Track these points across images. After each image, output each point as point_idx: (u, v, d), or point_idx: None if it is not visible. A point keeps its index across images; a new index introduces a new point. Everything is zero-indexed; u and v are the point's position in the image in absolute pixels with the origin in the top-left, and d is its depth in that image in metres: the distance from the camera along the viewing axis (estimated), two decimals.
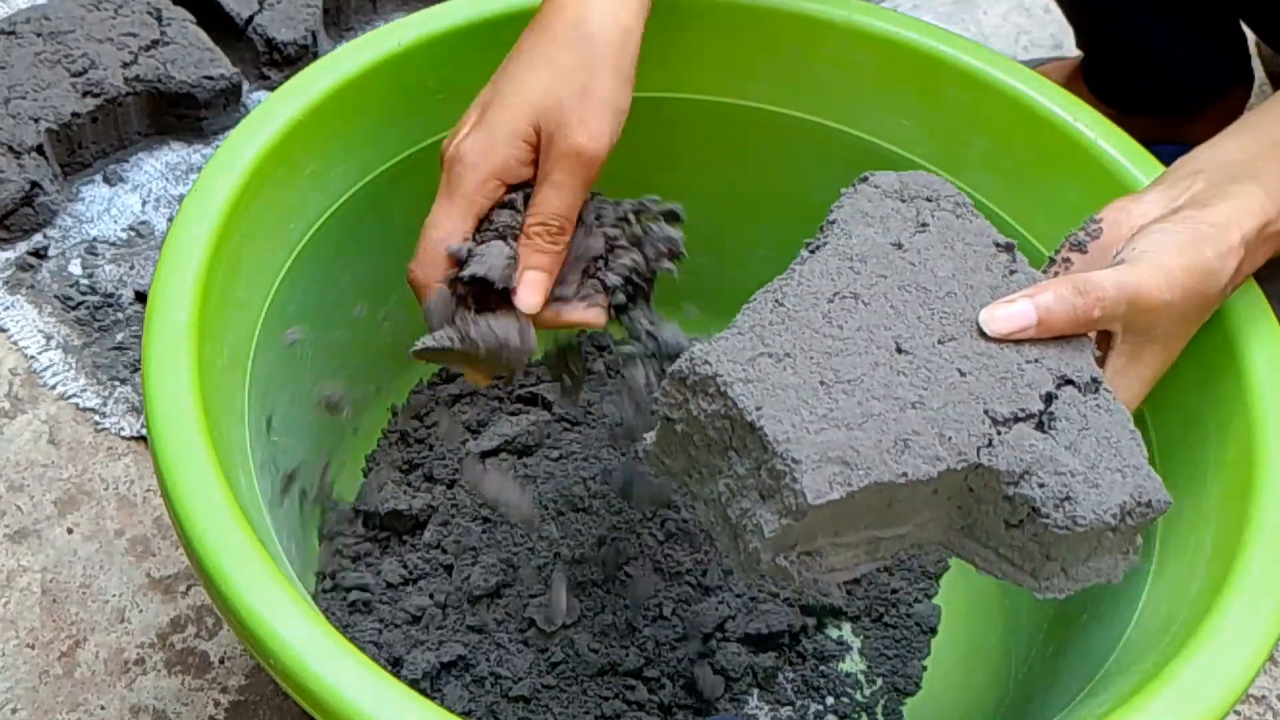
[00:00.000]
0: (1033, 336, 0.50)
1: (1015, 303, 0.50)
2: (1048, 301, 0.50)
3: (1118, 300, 0.51)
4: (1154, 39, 0.99)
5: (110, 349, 0.92)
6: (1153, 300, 0.51)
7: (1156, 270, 0.51)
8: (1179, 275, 0.52)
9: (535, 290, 0.57)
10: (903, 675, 0.77)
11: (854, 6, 0.73)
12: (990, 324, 0.50)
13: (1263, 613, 0.51)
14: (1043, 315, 0.50)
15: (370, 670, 0.47)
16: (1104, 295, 0.50)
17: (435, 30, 0.70)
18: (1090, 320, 0.50)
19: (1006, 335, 0.50)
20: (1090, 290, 0.50)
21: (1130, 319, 0.52)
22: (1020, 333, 0.50)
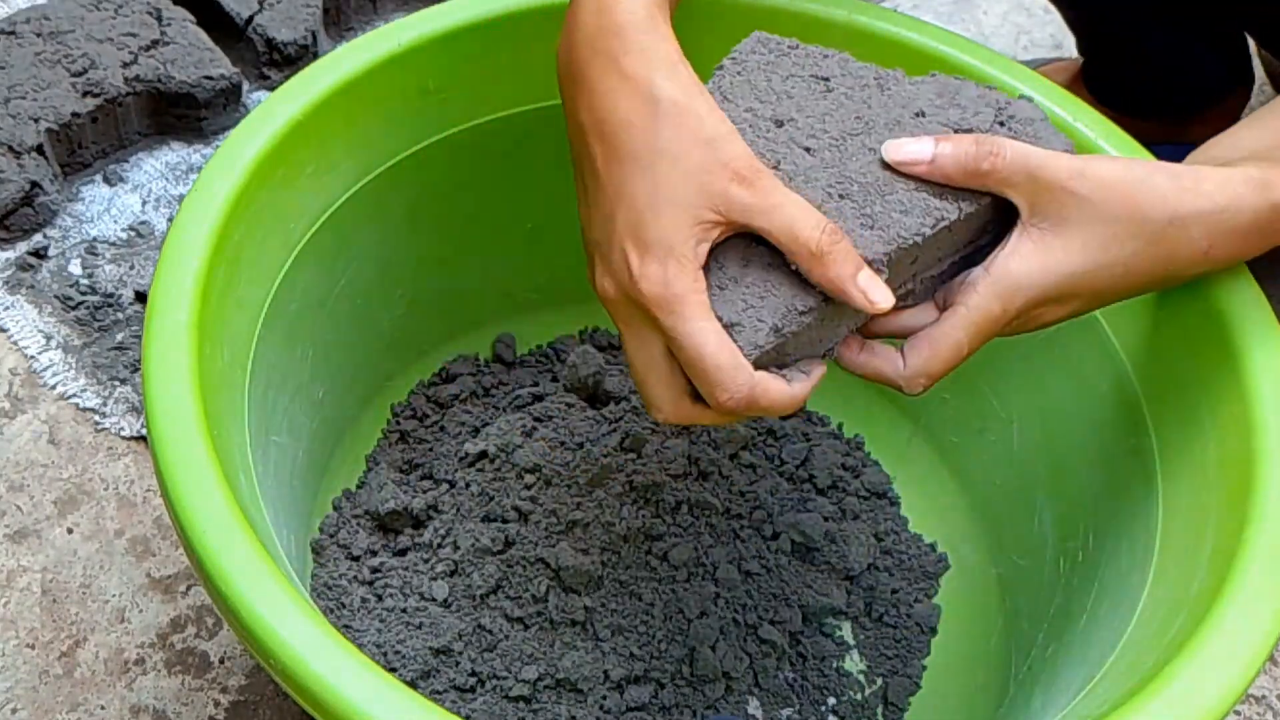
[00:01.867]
0: (924, 173, 0.52)
1: (919, 140, 0.53)
2: (946, 146, 0.52)
3: (1014, 161, 0.51)
4: (1154, 42, 0.99)
5: (110, 349, 0.92)
6: (1053, 179, 0.51)
7: (1074, 161, 0.52)
8: (1105, 176, 0.52)
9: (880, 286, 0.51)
10: (903, 675, 0.77)
11: (854, 6, 0.73)
12: (889, 150, 0.53)
13: (1263, 613, 0.51)
14: (937, 153, 0.52)
15: (370, 670, 0.47)
16: (999, 151, 0.52)
17: (435, 30, 0.70)
18: (979, 170, 0.52)
19: (900, 163, 0.52)
20: (987, 143, 0.52)
21: (1033, 196, 0.52)
22: (913, 165, 0.52)
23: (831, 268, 0.50)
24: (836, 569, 0.79)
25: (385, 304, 0.80)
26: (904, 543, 0.82)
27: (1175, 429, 0.62)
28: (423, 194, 0.76)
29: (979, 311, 0.52)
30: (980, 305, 0.52)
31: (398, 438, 0.84)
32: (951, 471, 0.84)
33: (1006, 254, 0.52)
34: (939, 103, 0.56)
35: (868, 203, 0.52)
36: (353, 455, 0.83)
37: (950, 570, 0.82)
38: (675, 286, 0.50)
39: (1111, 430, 0.68)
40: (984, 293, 0.52)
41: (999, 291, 0.52)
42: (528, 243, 0.84)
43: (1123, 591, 0.62)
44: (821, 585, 0.78)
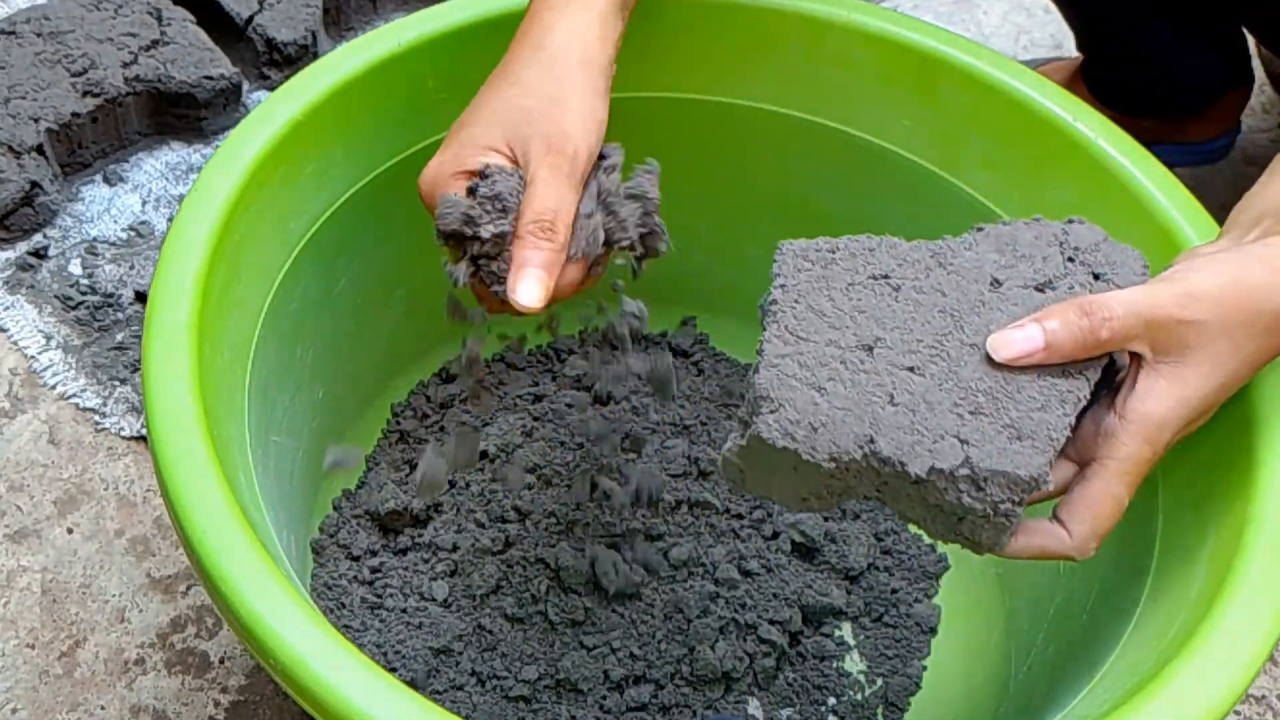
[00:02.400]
0: (1042, 361, 0.50)
1: (1023, 327, 0.50)
2: (1054, 325, 0.50)
3: (1127, 319, 0.50)
4: (1154, 40, 0.99)
5: (110, 349, 0.92)
6: (1168, 316, 0.50)
7: (1174, 287, 0.50)
8: (1210, 291, 0.50)
9: (535, 287, 0.56)
10: (903, 675, 0.77)
11: (854, 6, 0.73)
12: (997, 348, 0.50)
13: (1263, 613, 0.51)
14: (1049, 339, 0.50)
15: (370, 670, 0.47)
16: (1111, 315, 0.50)
17: (435, 30, 0.70)
18: (1099, 341, 0.50)
19: (1014, 360, 0.50)
20: (1096, 311, 0.50)
21: (1153, 339, 0.50)
22: (1028, 357, 0.50)
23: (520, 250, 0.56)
24: (836, 569, 0.79)
25: (385, 304, 0.80)
26: (904, 543, 0.82)
27: None
28: None
29: (1131, 461, 0.51)
30: (1131, 455, 0.51)
31: (398, 438, 0.84)
32: None
33: (1140, 397, 0.51)
34: (1004, 261, 0.53)
35: (1002, 411, 0.49)
36: None
37: (950, 570, 0.82)
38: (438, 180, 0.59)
39: None
40: (1131, 441, 0.50)
41: (1146, 436, 0.51)
42: None
43: (1123, 591, 0.62)
44: (821, 585, 0.78)
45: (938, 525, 0.50)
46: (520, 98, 0.59)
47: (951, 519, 0.49)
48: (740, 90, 0.77)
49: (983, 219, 0.74)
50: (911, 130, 0.75)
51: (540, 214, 0.57)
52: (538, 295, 0.56)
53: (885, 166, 0.76)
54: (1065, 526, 0.51)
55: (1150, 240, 0.66)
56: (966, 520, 0.49)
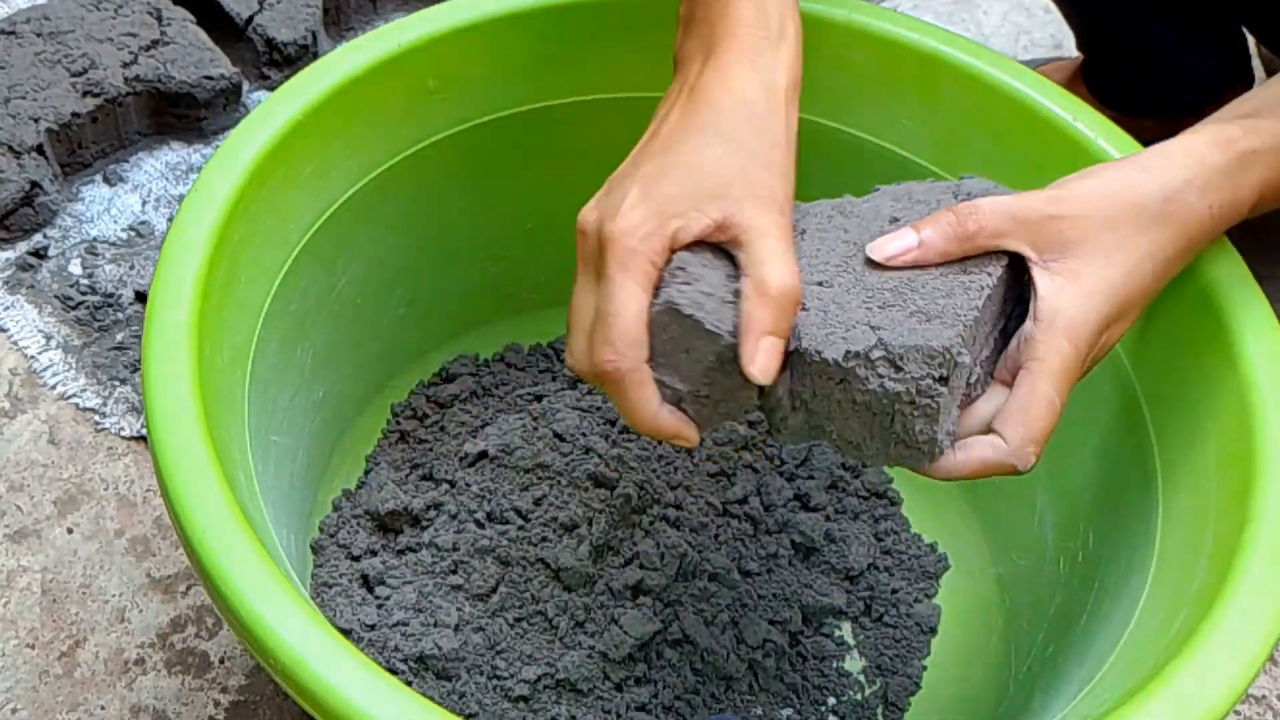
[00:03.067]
0: (917, 257, 0.53)
1: (898, 233, 0.53)
2: (927, 228, 0.53)
3: (993, 214, 0.52)
4: (1154, 40, 0.99)
5: (110, 349, 0.92)
6: (1038, 211, 0.52)
7: (1046, 191, 0.53)
8: (1080, 190, 0.52)
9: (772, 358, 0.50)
10: (903, 675, 0.77)
11: (854, 6, 0.73)
12: (874, 250, 0.53)
13: (1263, 613, 0.51)
14: (922, 237, 0.53)
15: (370, 670, 0.47)
16: (975, 210, 0.52)
17: (435, 30, 0.70)
18: (966, 232, 0.52)
19: (890, 258, 0.53)
20: (963, 208, 0.53)
21: (1030, 237, 0.52)
22: (903, 255, 0.53)
23: (761, 309, 0.50)
24: (836, 569, 0.79)
25: (385, 304, 0.80)
26: (904, 543, 0.82)
27: (1175, 429, 0.62)
28: (422, 194, 0.76)
29: (1053, 357, 0.51)
30: (1050, 351, 0.51)
31: (398, 438, 0.84)
32: None
33: (1044, 297, 0.52)
34: (900, 207, 0.56)
35: (908, 302, 0.51)
36: (353, 455, 0.83)
37: (950, 570, 0.82)
38: (638, 240, 0.51)
39: (1111, 430, 0.68)
40: (1046, 339, 0.51)
41: (1061, 330, 0.51)
42: (528, 243, 0.84)
43: (1123, 591, 0.62)
44: (821, 585, 0.78)
45: (874, 439, 0.52)
46: (728, 156, 0.53)
47: (884, 421, 0.51)
48: None
49: None
50: (911, 130, 0.75)
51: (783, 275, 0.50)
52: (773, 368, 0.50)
53: (885, 166, 0.76)
54: (1000, 434, 0.52)
55: None
56: (897, 418, 0.50)
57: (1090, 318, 0.52)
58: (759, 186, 0.52)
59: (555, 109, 0.76)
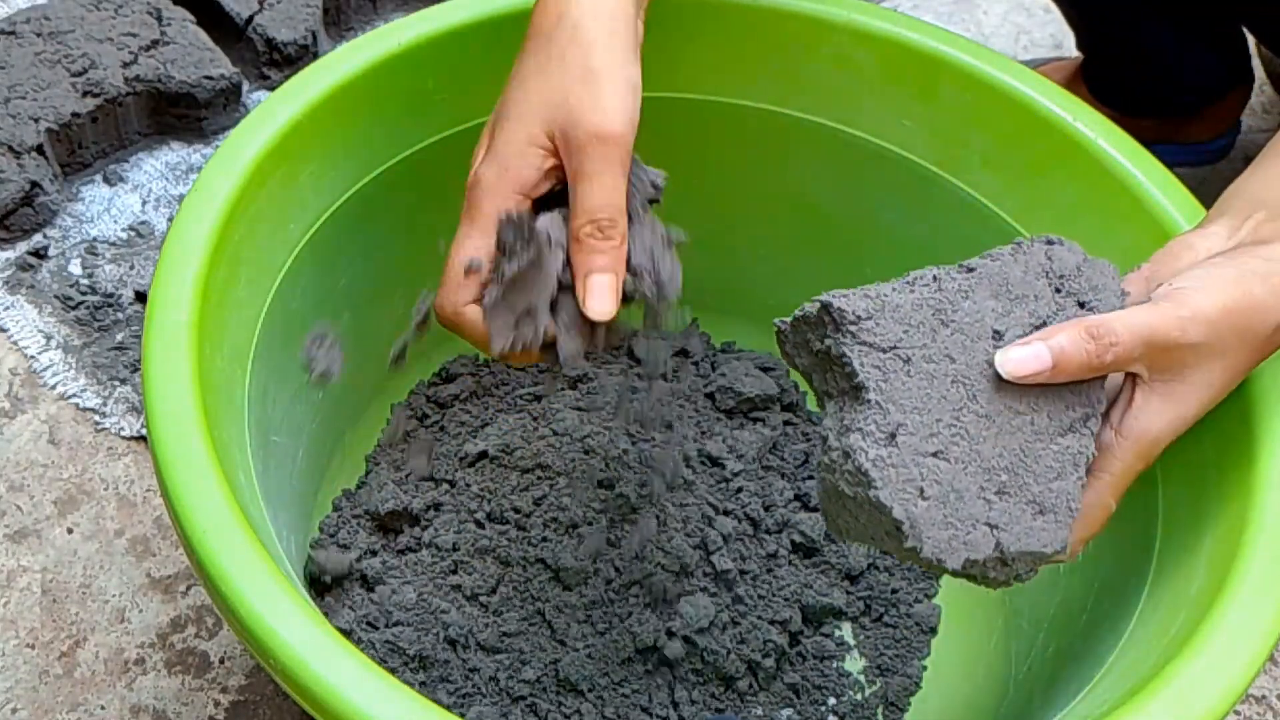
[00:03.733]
0: (1047, 380, 0.50)
1: (1030, 343, 0.50)
2: (1061, 343, 0.50)
3: (1132, 343, 0.50)
4: (1154, 40, 0.99)
5: (110, 349, 0.92)
6: (1170, 341, 0.50)
7: (1178, 310, 0.50)
8: (1210, 314, 0.50)
9: (605, 295, 0.53)
10: (903, 675, 0.77)
11: (854, 6, 0.73)
12: (1005, 365, 0.50)
13: (1263, 613, 0.51)
14: (1056, 358, 0.50)
15: (370, 670, 0.47)
16: (1116, 340, 0.50)
17: (435, 30, 0.70)
18: (1103, 364, 0.50)
19: (1022, 377, 0.50)
20: (1103, 335, 0.50)
21: (1152, 360, 0.51)
22: (1035, 375, 0.50)
23: (580, 256, 0.53)
24: (836, 569, 0.79)
25: (385, 304, 0.80)
26: None
27: None
28: (423, 194, 0.76)
29: (1124, 475, 0.52)
30: (1124, 469, 0.51)
31: (398, 438, 0.84)
32: None
33: (1136, 415, 0.51)
34: (1001, 309, 0.52)
35: (1024, 489, 0.50)
36: (353, 455, 0.83)
37: None
38: (481, 193, 0.55)
39: None
40: (1126, 456, 0.51)
41: (1140, 451, 0.51)
42: None
43: (1123, 591, 0.61)
44: (821, 585, 0.78)
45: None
46: (551, 79, 0.55)
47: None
48: (740, 90, 0.77)
49: (983, 219, 0.74)
50: (911, 130, 0.75)
51: (594, 212, 0.53)
52: (609, 303, 0.53)
53: (885, 166, 0.76)
54: None
55: (1150, 240, 0.66)
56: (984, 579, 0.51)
57: (1169, 438, 0.52)
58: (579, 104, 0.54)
59: None
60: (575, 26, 0.56)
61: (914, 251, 0.80)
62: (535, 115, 0.55)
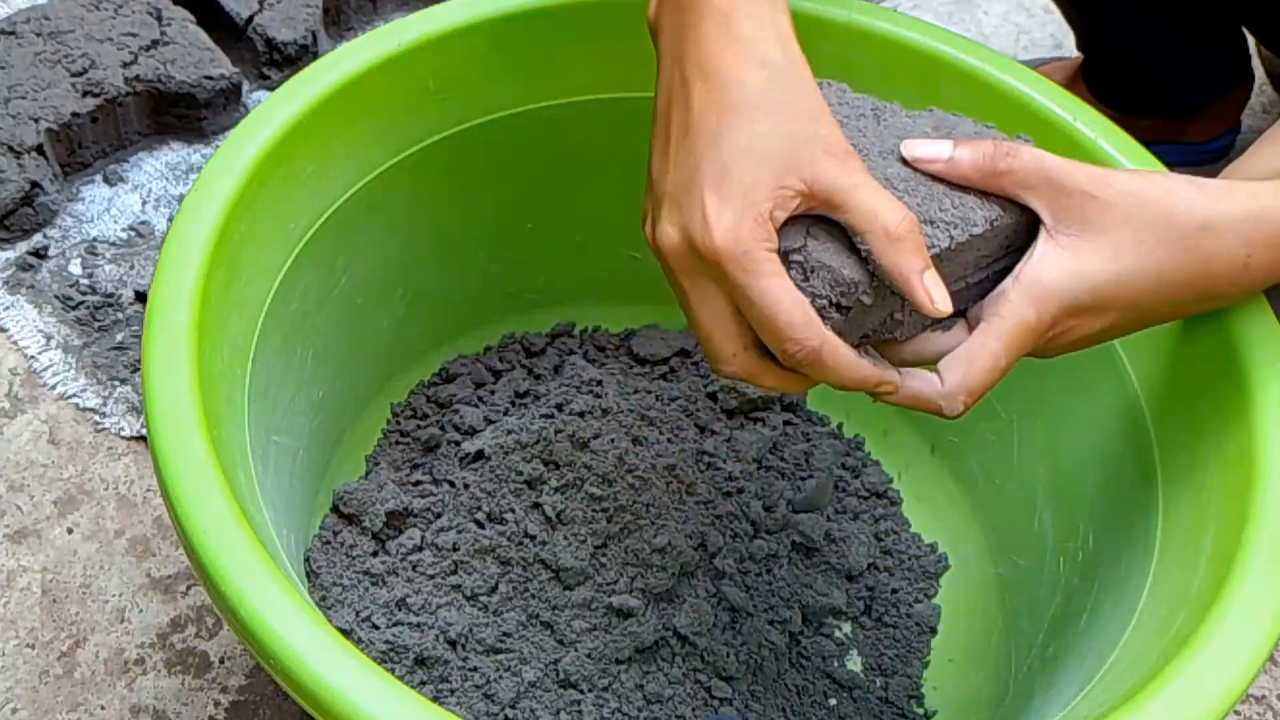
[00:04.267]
0: (942, 170, 0.53)
1: (938, 140, 0.53)
2: (964, 146, 0.53)
3: (1030, 165, 0.51)
4: (1154, 40, 0.99)
5: (110, 349, 0.92)
6: (1073, 184, 0.51)
7: (1093, 168, 0.52)
8: (1127, 183, 0.51)
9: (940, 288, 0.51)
10: (903, 675, 0.77)
11: (854, 6, 0.73)
12: (908, 147, 0.53)
13: (1263, 613, 0.51)
14: (955, 153, 0.52)
15: (370, 670, 0.47)
16: (1014, 152, 0.52)
17: (435, 30, 0.70)
18: (996, 169, 0.52)
19: (918, 159, 0.53)
20: (1005, 147, 0.52)
21: (1054, 201, 0.51)
22: (931, 161, 0.53)
23: (904, 255, 0.50)
24: (836, 569, 0.79)
25: (385, 304, 0.80)
26: (904, 543, 0.82)
27: (1175, 429, 0.62)
28: (423, 194, 0.76)
29: (1013, 320, 0.51)
30: (1014, 313, 0.51)
31: (398, 438, 0.84)
32: (951, 472, 0.84)
33: (1035, 260, 0.51)
34: (936, 136, 0.55)
35: (917, 202, 0.52)
36: (353, 455, 0.83)
37: (950, 570, 0.82)
38: (748, 241, 0.50)
39: (1112, 431, 0.68)
40: (1016, 300, 0.51)
41: (1032, 297, 0.51)
42: (528, 243, 0.84)
43: (1123, 591, 0.62)
44: (821, 585, 0.78)
45: None
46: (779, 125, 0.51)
47: None
48: None
49: None
50: None
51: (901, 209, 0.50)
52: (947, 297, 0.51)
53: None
54: (940, 376, 0.52)
55: None
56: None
57: (1064, 296, 0.51)
58: (820, 141, 0.51)
59: (555, 109, 0.76)
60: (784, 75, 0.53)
61: None
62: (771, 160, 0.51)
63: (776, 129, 0.51)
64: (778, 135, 0.51)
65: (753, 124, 0.51)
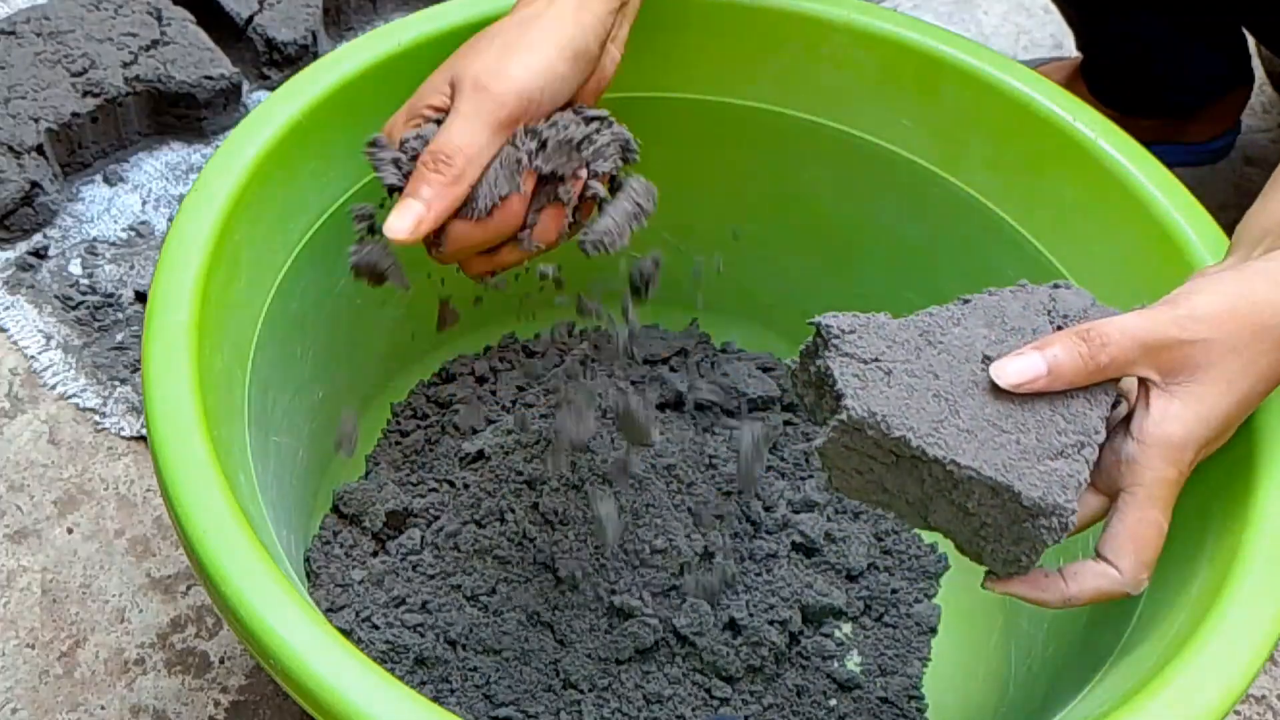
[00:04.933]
0: (1044, 388, 0.50)
1: (1024, 354, 0.50)
2: (1055, 351, 0.50)
3: (1125, 343, 0.50)
4: (1154, 40, 0.99)
5: (110, 349, 0.92)
6: (1169, 338, 0.50)
7: (1174, 310, 0.50)
8: (1211, 311, 0.50)
9: (404, 216, 0.56)
10: (903, 675, 0.77)
11: (854, 6, 0.73)
12: (1001, 376, 0.50)
13: (1263, 613, 0.51)
14: (1051, 364, 0.50)
15: (370, 670, 0.47)
16: (1108, 340, 0.50)
17: (435, 30, 0.70)
18: (1099, 366, 0.50)
19: (1017, 385, 0.50)
20: (1094, 336, 0.50)
21: (1158, 362, 0.50)
22: (1031, 383, 0.50)
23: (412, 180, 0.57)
24: (836, 569, 0.79)
25: (385, 304, 0.80)
26: (904, 543, 0.82)
27: None
28: None
29: (1159, 485, 0.50)
30: (1158, 479, 0.50)
31: (398, 438, 0.84)
32: None
33: (1156, 420, 0.50)
34: (994, 336, 0.52)
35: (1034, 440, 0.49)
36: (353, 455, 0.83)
37: (950, 570, 0.82)
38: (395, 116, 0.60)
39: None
40: (1155, 464, 0.50)
41: (1170, 458, 0.50)
42: None
43: None
44: (821, 585, 0.78)
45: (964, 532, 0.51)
46: (479, 41, 0.59)
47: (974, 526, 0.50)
48: (740, 90, 0.77)
49: (982, 219, 0.74)
50: (911, 130, 0.75)
51: (440, 146, 0.56)
52: (405, 226, 0.56)
53: (885, 166, 0.76)
54: (1112, 563, 0.51)
55: (1150, 240, 0.66)
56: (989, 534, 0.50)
57: (1196, 442, 0.51)
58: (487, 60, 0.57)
59: None
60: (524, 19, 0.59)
61: (913, 251, 0.80)
62: (449, 66, 0.59)
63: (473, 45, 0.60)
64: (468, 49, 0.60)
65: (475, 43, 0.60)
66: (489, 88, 0.57)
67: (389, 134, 0.60)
